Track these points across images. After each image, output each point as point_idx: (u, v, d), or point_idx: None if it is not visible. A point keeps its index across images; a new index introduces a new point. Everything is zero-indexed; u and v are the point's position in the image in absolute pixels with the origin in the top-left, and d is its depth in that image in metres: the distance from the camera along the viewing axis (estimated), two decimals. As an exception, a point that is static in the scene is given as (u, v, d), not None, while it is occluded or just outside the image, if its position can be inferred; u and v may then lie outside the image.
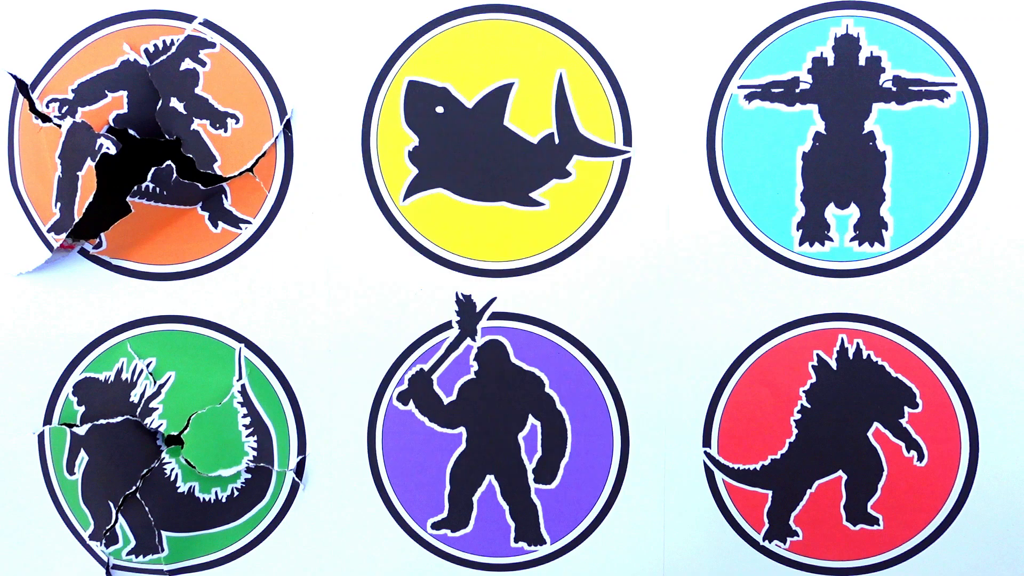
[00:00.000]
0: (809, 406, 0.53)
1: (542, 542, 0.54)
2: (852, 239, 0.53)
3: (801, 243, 0.53)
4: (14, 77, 0.53)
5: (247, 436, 0.54)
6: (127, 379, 0.54)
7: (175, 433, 0.54)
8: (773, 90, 0.52)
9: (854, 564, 0.54)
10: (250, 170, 0.53)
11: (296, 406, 0.54)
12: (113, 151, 0.50)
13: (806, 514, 0.54)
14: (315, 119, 0.53)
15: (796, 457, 0.53)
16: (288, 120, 0.53)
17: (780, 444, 0.54)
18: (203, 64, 0.53)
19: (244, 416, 0.54)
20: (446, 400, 0.54)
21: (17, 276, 0.54)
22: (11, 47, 0.53)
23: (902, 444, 0.53)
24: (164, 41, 0.53)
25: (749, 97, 0.52)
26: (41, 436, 0.54)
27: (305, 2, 0.53)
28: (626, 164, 0.53)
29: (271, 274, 0.54)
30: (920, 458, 0.53)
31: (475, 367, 0.54)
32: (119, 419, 0.54)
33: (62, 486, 0.55)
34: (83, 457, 0.54)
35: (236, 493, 0.55)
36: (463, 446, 0.54)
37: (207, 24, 0.53)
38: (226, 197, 0.54)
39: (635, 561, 0.54)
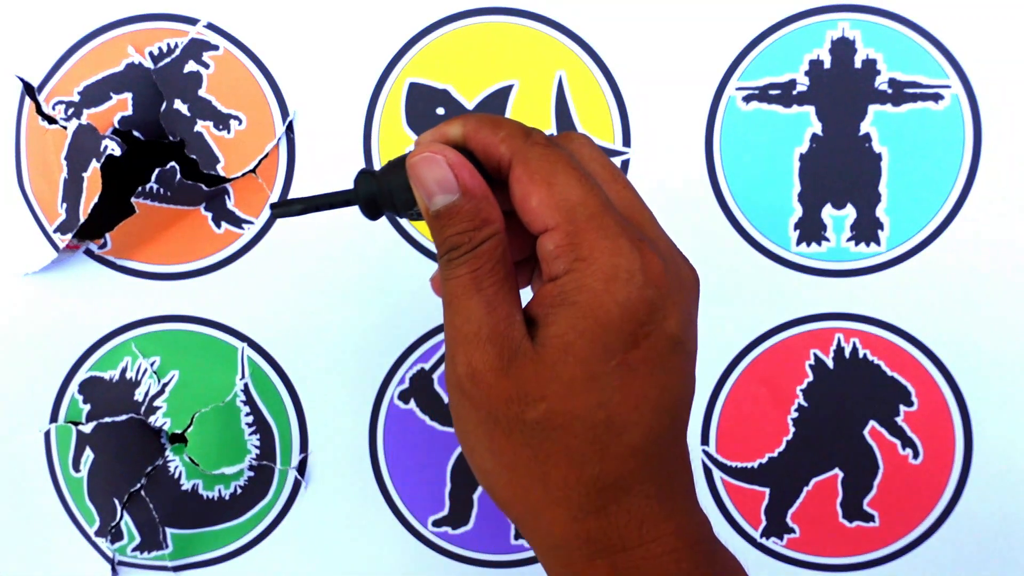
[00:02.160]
0: (806, 405, 0.54)
1: (542, 539, 0.55)
2: (848, 239, 0.53)
3: (798, 243, 0.53)
4: (21, 80, 0.53)
5: (250, 434, 0.55)
6: (132, 378, 0.54)
7: (179, 431, 0.54)
8: (770, 92, 0.53)
9: (850, 560, 0.54)
10: (253, 171, 0.53)
11: (298, 405, 0.55)
12: (118, 152, 0.51)
13: (803, 511, 0.54)
14: (317, 121, 0.54)
15: (793, 455, 0.54)
16: (291, 122, 0.53)
17: (777, 442, 0.54)
18: (207, 66, 0.53)
19: (247, 415, 0.55)
20: (447, 399, 0.54)
21: (24, 276, 0.54)
22: (18, 50, 0.53)
23: (897, 442, 0.53)
24: (168, 44, 0.53)
25: (747, 99, 0.53)
26: (47, 434, 0.55)
27: (307, 5, 0.53)
28: (625, 165, 0.53)
29: (273, 274, 0.54)
30: (915, 456, 0.53)
31: (475, 366, 0.54)
32: (124, 417, 0.54)
33: (68, 483, 0.55)
34: (89, 455, 0.54)
35: (239, 491, 0.55)
36: (464, 444, 0.55)
37: (210, 27, 0.53)
38: (229, 198, 0.54)
39: (634, 558, 0.54)
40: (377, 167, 0.53)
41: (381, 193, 0.31)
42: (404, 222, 0.54)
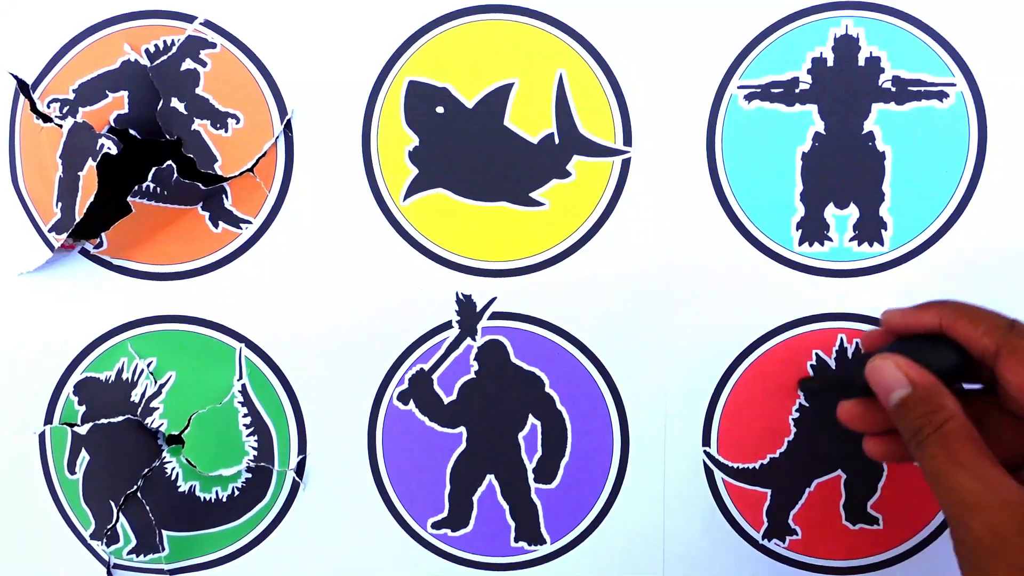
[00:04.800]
0: (808, 405, 0.53)
1: (542, 541, 0.55)
2: (851, 239, 0.53)
3: (801, 243, 0.53)
4: (15, 77, 0.53)
5: (247, 436, 0.54)
6: (128, 379, 0.54)
7: (176, 433, 0.54)
8: (773, 90, 0.52)
9: (853, 563, 0.54)
10: (251, 170, 0.53)
11: (296, 406, 0.54)
12: (114, 151, 0.51)
13: (805, 513, 0.54)
14: (315, 119, 0.53)
15: (795, 456, 0.54)
16: (288, 120, 0.53)
17: (779, 443, 0.54)
18: (204, 64, 0.53)
19: (244, 416, 0.54)
20: (446, 400, 0.54)
21: (19, 276, 0.54)
22: (12, 47, 0.53)
23: (901, 443, 0.53)
24: (165, 41, 0.53)
25: (749, 97, 0.53)
26: (42, 436, 0.55)
27: (306, 3, 0.53)
28: (626, 164, 0.53)
29: (271, 274, 0.54)
30: (919, 457, 0.53)
31: (475, 367, 0.54)
32: (120, 419, 0.54)
33: (63, 485, 0.55)
34: (84, 457, 0.54)
35: (237, 492, 0.55)
36: (463, 446, 0.54)
37: (208, 24, 0.53)
38: (227, 197, 0.54)
39: (635, 560, 0.54)
40: (376, 166, 0.53)
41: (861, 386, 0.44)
42: (403, 222, 0.54)
